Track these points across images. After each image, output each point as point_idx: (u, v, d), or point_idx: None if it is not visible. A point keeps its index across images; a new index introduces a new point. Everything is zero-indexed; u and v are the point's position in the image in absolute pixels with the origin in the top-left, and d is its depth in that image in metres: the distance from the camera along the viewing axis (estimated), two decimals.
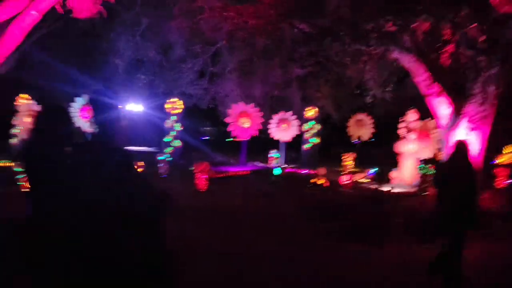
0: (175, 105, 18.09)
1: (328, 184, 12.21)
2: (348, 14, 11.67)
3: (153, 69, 19.59)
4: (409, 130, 13.67)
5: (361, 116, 19.71)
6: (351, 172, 13.43)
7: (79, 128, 14.40)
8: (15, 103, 17.08)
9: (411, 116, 13.84)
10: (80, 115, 15.28)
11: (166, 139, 17.95)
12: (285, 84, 20.45)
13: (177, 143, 17.92)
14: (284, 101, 20.75)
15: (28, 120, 16.60)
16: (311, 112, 19.17)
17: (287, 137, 18.96)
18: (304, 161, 19.13)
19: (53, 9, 9.11)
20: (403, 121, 13.71)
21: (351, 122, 19.90)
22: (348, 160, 14.75)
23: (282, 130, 18.93)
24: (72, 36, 20.66)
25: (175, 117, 18.04)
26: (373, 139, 20.67)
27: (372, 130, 19.68)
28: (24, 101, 16.94)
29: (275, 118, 18.98)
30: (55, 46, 21.37)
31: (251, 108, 18.15)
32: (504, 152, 13.69)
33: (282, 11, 12.11)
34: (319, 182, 12.15)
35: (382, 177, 13.46)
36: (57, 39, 20.52)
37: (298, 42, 17.65)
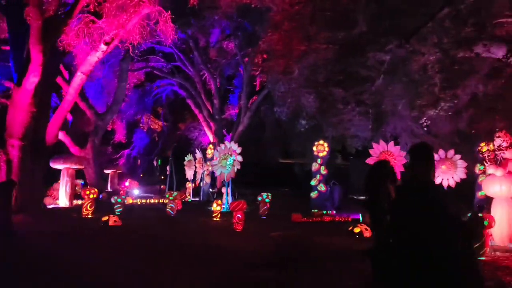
0: (320, 147, 17.72)
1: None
2: None
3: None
4: None
5: None
6: None
7: None
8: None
9: None
10: None
11: (312, 182, 17.70)
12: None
13: (321, 187, 17.36)
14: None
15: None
16: (485, 148, 14.41)
17: (449, 182, 14.94)
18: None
19: None
20: None
21: None
22: None
23: (442, 172, 15.09)
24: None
25: (319, 160, 17.63)
26: None
27: None
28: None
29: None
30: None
31: (392, 147, 15.51)
32: None
33: None
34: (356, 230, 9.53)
35: None
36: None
37: None
